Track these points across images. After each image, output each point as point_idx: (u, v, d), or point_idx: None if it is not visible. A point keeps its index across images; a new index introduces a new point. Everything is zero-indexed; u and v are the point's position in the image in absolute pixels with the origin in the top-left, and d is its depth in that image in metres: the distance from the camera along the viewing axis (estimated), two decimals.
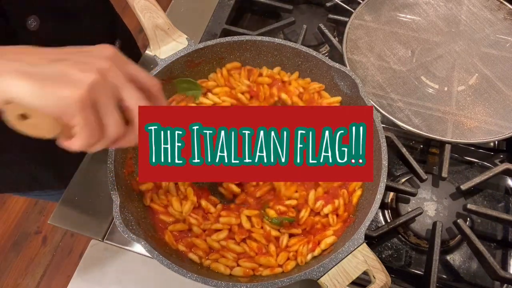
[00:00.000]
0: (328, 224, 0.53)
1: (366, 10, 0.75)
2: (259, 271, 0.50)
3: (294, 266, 0.50)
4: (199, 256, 0.51)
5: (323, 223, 0.53)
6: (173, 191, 0.55)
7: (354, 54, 0.70)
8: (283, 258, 0.50)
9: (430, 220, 0.60)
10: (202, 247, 0.51)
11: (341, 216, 0.53)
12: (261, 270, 0.50)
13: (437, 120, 0.64)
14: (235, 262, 0.50)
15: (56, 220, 0.62)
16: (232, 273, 0.49)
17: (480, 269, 0.59)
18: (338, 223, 0.53)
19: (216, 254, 0.51)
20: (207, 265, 0.50)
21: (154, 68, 0.57)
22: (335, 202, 0.54)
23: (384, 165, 0.50)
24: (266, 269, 0.49)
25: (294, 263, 0.50)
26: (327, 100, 0.60)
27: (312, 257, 0.51)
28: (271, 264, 0.50)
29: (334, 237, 0.51)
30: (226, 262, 0.50)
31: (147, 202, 0.54)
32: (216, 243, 0.51)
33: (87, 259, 0.59)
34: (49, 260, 1.52)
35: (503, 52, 0.71)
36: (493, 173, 0.61)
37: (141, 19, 0.58)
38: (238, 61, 0.63)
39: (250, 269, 0.50)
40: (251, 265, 0.50)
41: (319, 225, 0.53)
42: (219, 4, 0.84)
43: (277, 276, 0.49)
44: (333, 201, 0.54)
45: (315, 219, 0.53)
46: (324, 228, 0.53)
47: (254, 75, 0.62)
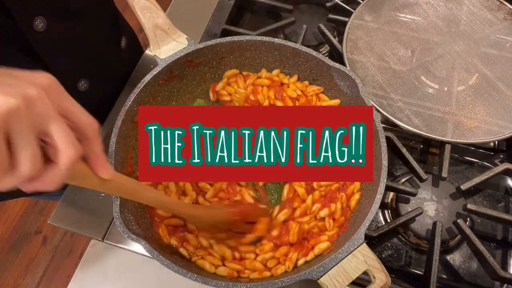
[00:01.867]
0: (325, 228, 0.53)
1: (366, 10, 0.75)
2: (245, 273, 0.50)
3: (284, 270, 0.50)
4: (189, 251, 0.51)
5: (319, 227, 0.53)
6: (172, 186, 0.56)
7: (354, 54, 0.70)
8: (273, 262, 0.51)
9: (430, 220, 0.60)
10: (193, 243, 0.52)
11: (337, 221, 0.53)
12: (248, 273, 0.50)
13: (437, 120, 0.64)
14: (220, 261, 0.51)
15: (56, 220, 0.62)
16: (216, 271, 0.50)
17: (480, 269, 0.59)
18: (334, 227, 0.53)
19: (204, 251, 0.52)
20: (194, 261, 0.51)
21: (154, 68, 0.57)
22: (331, 206, 0.53)
23: (384, 165, 0.50)
24: (253, 272, 0.50)
25: (284, 267, 0.50)
26: (325, 102, 0.60)
27: (305, 261, 0.51)
28: (257, 268, 0.50)
29: (328, 243, 0.51)
30: (212, 260, 0.51)
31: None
32: (205, 241, 0.52)
33: (87, 259, 0.59)
34: (49, 260, 1.52)
35: (503, 52, 0.71)
36: (493, 173, 0.61)
37: (141, 19, 0.58)
38: (238, 61, 0.63)
39: (235, 271, 0.50)
40: (237, 267, 0.50)
41: (316, 229, 0.53)
42: (219, 4, 0.84)
43: (278, 277, 0.49)
44: (330, 204, 0.54)
45: (311, 224, 0.53)
46: (320, 232, 0.53)
47: (252, 78, 0.62)
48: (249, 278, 0.50)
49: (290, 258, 0.50)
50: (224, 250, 0.51)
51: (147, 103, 0.58)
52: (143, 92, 0.56)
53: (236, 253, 0.51)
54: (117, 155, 0.51)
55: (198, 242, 0.52)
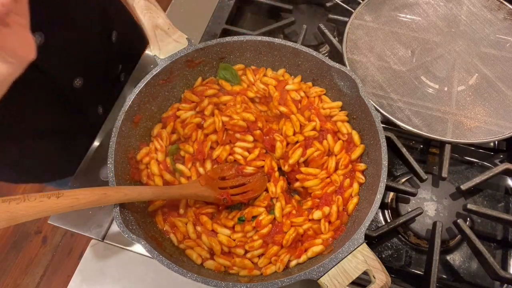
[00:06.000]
0: (320, 231, 0.53)
1: (366, 10, 0.75)
2: (234, 270, 0.50)
3: (273, 271, 0.50)
4: (177, 238, 0.52)
5: (314, 229, 0.53)
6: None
7: (354, 54, 0.70)
8: (264, 262, 0.51)
9: (430, 220, 0.60)
10: (181, 230, 0.53)
11: (333, 224, 0.53)
12: (237, 270, 0.50)
13: (437, 120, 0.64)
14: (209, 254, 0.51)
15: (56, 220, 0.62)
16: (204, 264, 0.51)
17: (480, 269, 0.59)
18: (330, 231, 0.53)
19: (193, 242, 0.52)
20: (182, 249, 0.52)
21: (154, 68, 0.57)
22: (324, 208, 0.53)
23: (384, 165, 0.50)
24: (243, 270, 0.50)
25: (274, 268, 0.50)
26: (328, 104, 0.60)
27: (297, 263, 0.51)
28: (246, 266, 0.50)
29: (322, 246, 0.51)
30: (200, 251, 0.51)
31: (144, 180, 0.55)
32: (193, 233, 0.52)
33: (87, 259, 0.59)
34: (49, 260, 1.52)
35: (503, 52, 0.71)
36: (493, 173, 0.61)
37: (141, 19, 0.58)
38: (238, 62, 0.63)
39: (222, 266, 0.51)
40: (225, 263, 0.51)
41: (311, 231, 0.53)
42: (219, 4, 0.84)
43: (277, 276, 0.49)
44: (323, 207, 0.53)
45: (305, 226, 0.53)
46: (315, 235, 0.53)
47: (260, 73, 0.62)
48: (238, 275, 0.50)
49: (282, 259, 0.50)
50: (213, 242, 0.51)
51: (147, 103, 0.58)
52: (143, 92, 0.56)
53: (224, 247, 0.52)
54: (117, 155, 0.51)
55: (187, 230, 0.53)
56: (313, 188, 0.56)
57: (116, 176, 0.50)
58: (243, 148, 0.58)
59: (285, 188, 0.57)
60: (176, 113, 0.60)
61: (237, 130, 0.58)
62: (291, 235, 0.51)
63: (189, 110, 0.60)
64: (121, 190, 0.45)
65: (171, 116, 0.60)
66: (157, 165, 0.56)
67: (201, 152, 0.57)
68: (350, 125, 0.59)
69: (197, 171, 0.57)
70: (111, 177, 0.49)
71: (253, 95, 0.61)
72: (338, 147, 0.57)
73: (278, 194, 0.55)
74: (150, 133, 0.59)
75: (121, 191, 0.45)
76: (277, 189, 0.56)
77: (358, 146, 0.57)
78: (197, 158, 0.57)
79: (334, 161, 0.56)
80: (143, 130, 0.58)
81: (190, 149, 0.57)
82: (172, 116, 0.60)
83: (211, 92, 0.61)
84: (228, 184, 0.57)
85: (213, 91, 0.61)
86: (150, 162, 0.56)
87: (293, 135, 0.58)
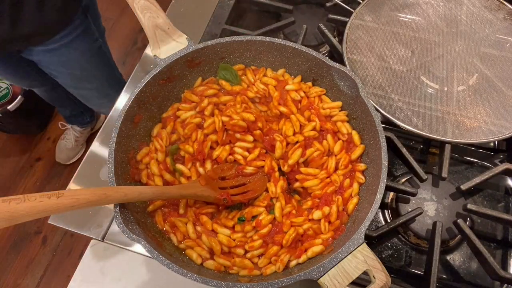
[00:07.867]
0: (320, 231, 0.53)
1: (366, 10, 0.75)
2: (234, 270, 0.50)
3: (273, 271, 0.50)
4: (177, 238, 0.52)
5: (314, 229, 0.53)
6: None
7: (354, 54, 0.70)
8: (264, 262, 0.51)
9: (430, 220, 0.60)
10: (181, 230, 0.53)
11: (333, 224, 0.53)
12: (237, 270, 0.50)
13: (437, 120, 0.64)
14: (208, 254, 0.51)
15: (56, 220, 0.62)
16: (204, 264, 0.51)
17: (480, 269, 0.59)
18: (330, 231, 0.53)
19: (193, 241, 0.52)
20: (182, 249, 0.52)
21: (154, 68, 0.57)
22: (324, 208, 0.53)
23: (384, 165, 0.50)
24: (243, 270, 0.50)
25: (274, 268, 0.50)
26: (328, 104, 0.60)
27: (297, 263, 0.51)
28: (246, 266, 0.50)
29: (322, 246, 0.51)
30: (200, 251, 0.51)
31: (144, 180, 0.55)
32: (193, 233, 0.52)
33: (87, 259, 0.59)
34: (49, 260, 1.52)
35: (503, 52, 0.71)
36: (493, 173, 0.61)
37: (141, 19, 0.58)
38: (238, 62, 0.63)
39: (222, 266, 0.51)
40: (225, 263, 0.51)
41: (311, 231, 0.53)
42: (219, 4, 0.84)
43: (277, 276, 0.49)
44: (323, 207, 0.53)
45: (305, 226, 0.53)
46: (315, 235, 0.53)
47: (260, 73, 0.63)
48: (238, 275, 0.50)
49: (282, 259, 0.50)
50: (213, 242, 0.51)
51: (147, 103, 0.58)
52: (143, 92, 0.56)
53: (224, 247, 0.52)
54: (117, 155, 0.51)
55: (187, 230, 0.53)
56: (313, 188, 0.56)
57: (116, 176, 0.50)
58: (243, 148, 0.58)
59: (285, 188, 0.57)
60: (176, 113, 0.60)
61: (237, 130, 0.58)
62: (291, 235, 0.51)
63: (189, 110, 0.60)
64: (121, 190, 0.45)
65: (171, 116, 0.60)
66: (157, 165, 0.56)
67: (201, 152, 0.57)
68: (350, 125, 0.59)
69: (197, 171, 0.57)
70: (111, 177, 0.49)
71: (253, 95, 0.61)
72: (338, 147, 0.57)
73: (278, 194, 0.55)
74: (150, 133, 0.59)
75: (121, 191, 0.45)
76: (277, 189, 0.56)
77: (358, 146, 0.57)
78: (197, 158, 0.57)
79: (334, 161, 0.56)
80: (143, 130, 0.58)
81: (190, 149, 0.57)
82: (172, 116, 0.60)
83: (211, 92, 0.61)
84: (228, 184, 0.57)
85: (213, 91, 0.61)
86: (150, 162, 0.56)
87: (293, 135, 0.58)
